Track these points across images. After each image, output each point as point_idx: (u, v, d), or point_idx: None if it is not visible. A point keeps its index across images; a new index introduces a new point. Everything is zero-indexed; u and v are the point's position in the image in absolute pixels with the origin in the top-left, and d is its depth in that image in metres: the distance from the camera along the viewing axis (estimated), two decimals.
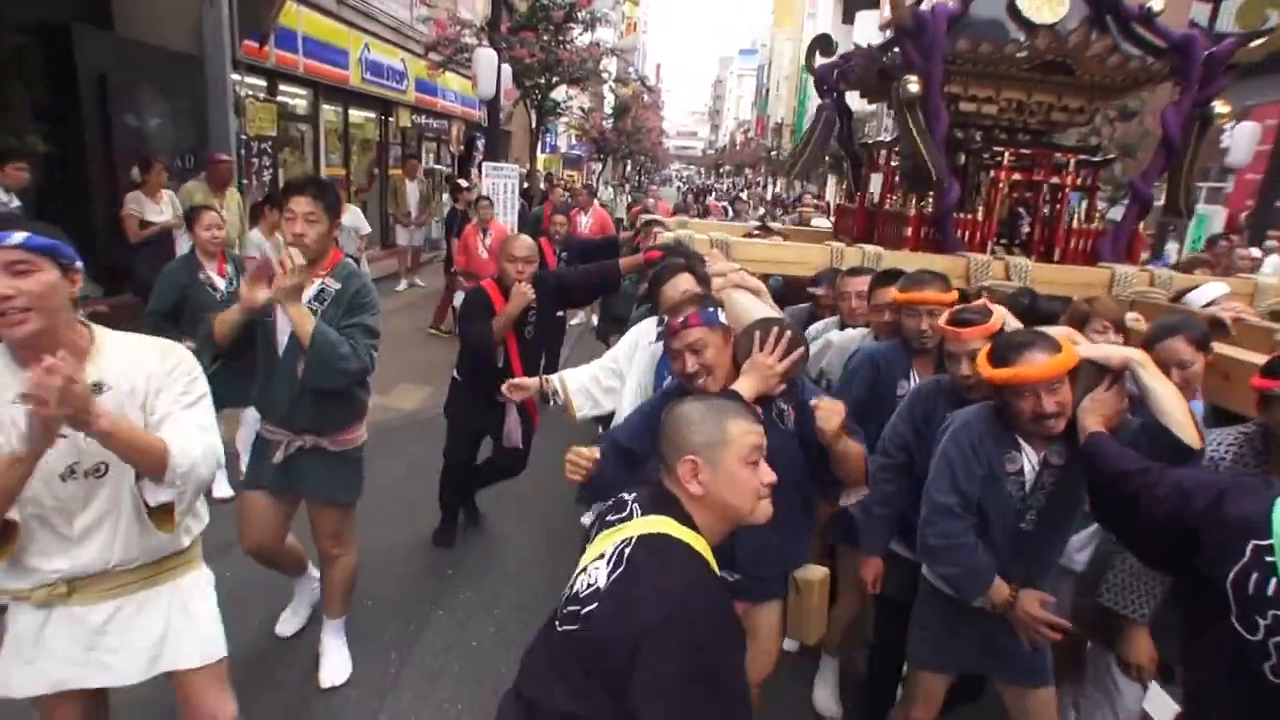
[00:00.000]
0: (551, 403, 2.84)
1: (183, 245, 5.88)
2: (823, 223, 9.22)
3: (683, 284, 2.56)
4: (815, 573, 2.17)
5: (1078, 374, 1.92)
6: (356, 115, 12.35)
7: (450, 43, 11.77)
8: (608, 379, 2.81)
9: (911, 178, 3.74)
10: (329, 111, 11.39)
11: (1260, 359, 2.20)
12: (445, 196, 12.04)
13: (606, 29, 22.33)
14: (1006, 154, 3.82)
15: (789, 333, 2.03)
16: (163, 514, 1.65)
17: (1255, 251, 7.27)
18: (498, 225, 7.78)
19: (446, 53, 11.92)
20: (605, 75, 15.70)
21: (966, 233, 3.86)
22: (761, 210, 13.61)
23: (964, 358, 2.24)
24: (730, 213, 12.13)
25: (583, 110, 18.18)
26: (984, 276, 3.56)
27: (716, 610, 1.38)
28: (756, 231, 5.12)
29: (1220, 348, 2.45)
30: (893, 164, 4.26)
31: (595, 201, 9.77)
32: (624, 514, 1.48)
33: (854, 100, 4.83)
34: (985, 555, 2.04)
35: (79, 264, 1.63)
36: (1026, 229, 3.97)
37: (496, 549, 4.14)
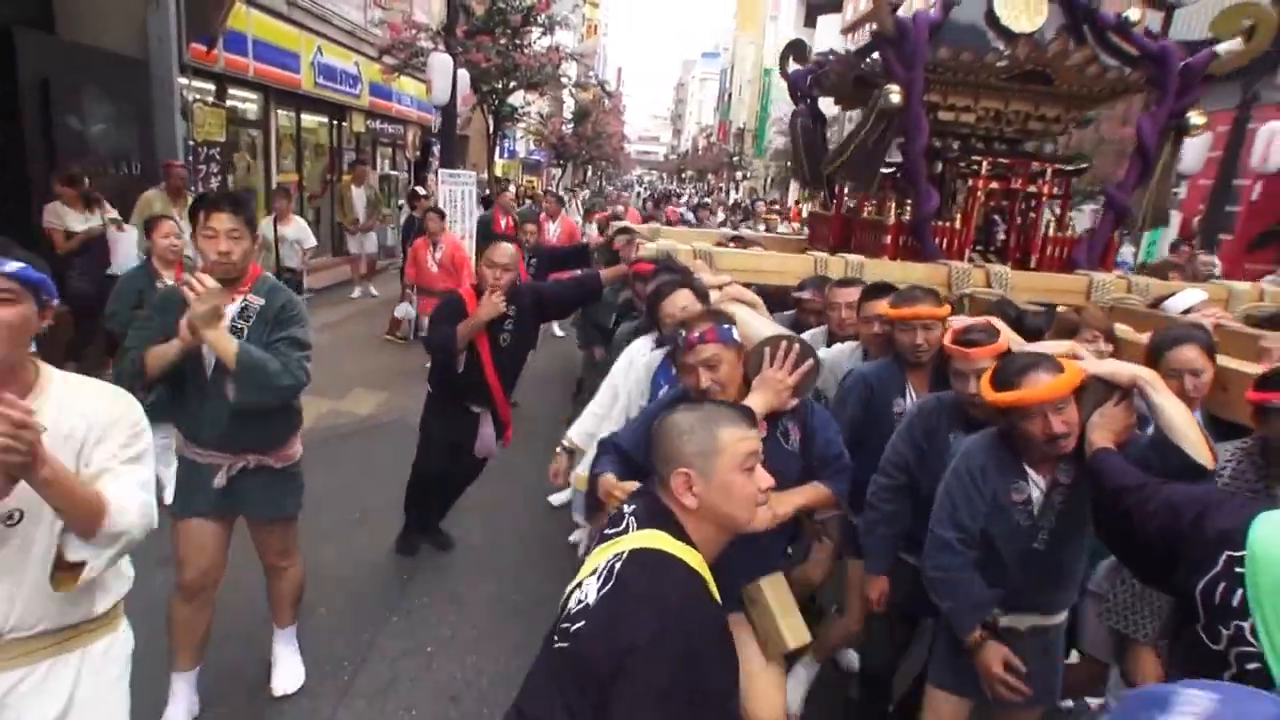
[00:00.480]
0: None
1: (122, 252, 5.73)
2: (784, 228, 9.29)
3: (682, 300, 2.56)
4: (763, 582, 2.11)
5: (1085, 391, 1.91)
6: (309, 120, 12.08)
7: (405, 46, 11.60)
8: (610, 409, 2.84)
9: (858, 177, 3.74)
10: (281, 116, 11.11)
11: (1258, 369, 2.22)
12: (403, 204, 11.84)
13: (566, 32, 22.29)
14: (985, 163, 3.85)
15: (798, 347, 2.03)
16: (68, 572, 1.49)
17: (1213, 259, 7.51)
18: (450, 238, 7.64)
19: (401, 57, 11.76)
20: (564, 80, 15.64)
21: (944, 241, 3.88)
22: (722, 216, 13.61)
23: (972, 376, 2.22)
24: (694, 219, 12.17)
25: (541, 116, 18.09)
26: (965, 284, 3.58)
27: (711, 627, 1.35)
28: (731, 241, 5.09)
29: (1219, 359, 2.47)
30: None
31: (563, 209, 9.66)
32: (620, 528, 1.45)
33: (826, 106, 4.85)
34: (982, 591, 2.02)
35: (55, 301, 1.55)
36: (1002, 236, 4.01)
37: (453, 554, 4.08)
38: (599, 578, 1.36)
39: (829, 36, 25.79)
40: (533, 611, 3.59)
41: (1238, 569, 1.26)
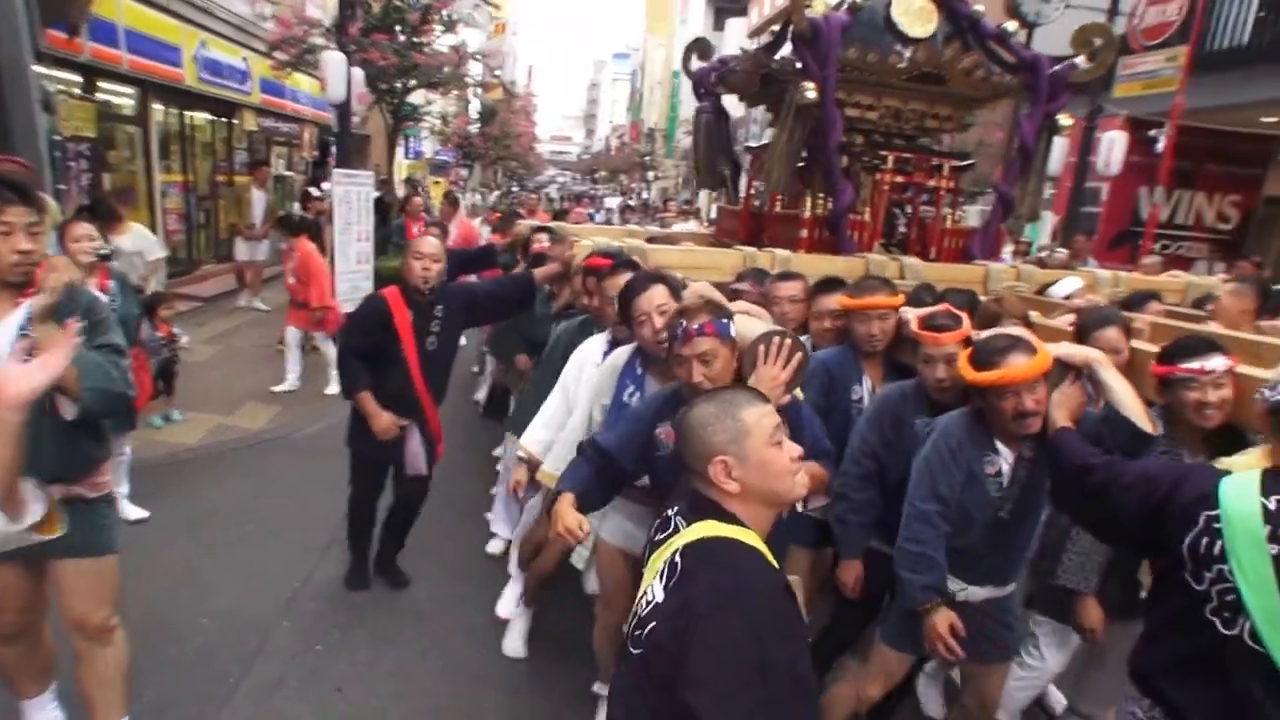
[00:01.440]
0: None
1: None
2: (687, 226, 9.50)
3: (659, 297, 2.50)
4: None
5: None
6: (195, 117, 11.48)
7: (296, 42, 11.22)
8: (565, 415, 2.84)
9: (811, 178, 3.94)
10: (161, 112, 10.51)
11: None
12: (295, 206, 11.41)
13: (474, 30, 21.98)
14: (890, 157, 4.10)
15: (789, 341, 2.11)
16: None
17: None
18: (304, 246, 7.42)
19: (293, 53, 11.35)
20: (468, 79, 15.46)
21: (856, 234, 4.12)
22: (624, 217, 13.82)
23: (940, 362, 2.40)
24: (619, 219, 12.40)
25: (443, 117, 17.81)
26: (882, 275, 3.80)
27: (775, 592, 1.39)
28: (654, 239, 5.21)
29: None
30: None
31: (459, 212, 9.43)
32: (670, 530, 1.52)
33: (730, 104, 5.03)
34: (943, 571, 2.23)
35: None
36: (903, 229, 4.28)
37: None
38: (661, 577, 1.43)
39: (737, 39, 26.59)
40: (428, 611, 3.65)
41: (1215, 525, 1.54)
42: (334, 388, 6.66)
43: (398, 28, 11.84)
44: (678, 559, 1.42)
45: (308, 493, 4.73)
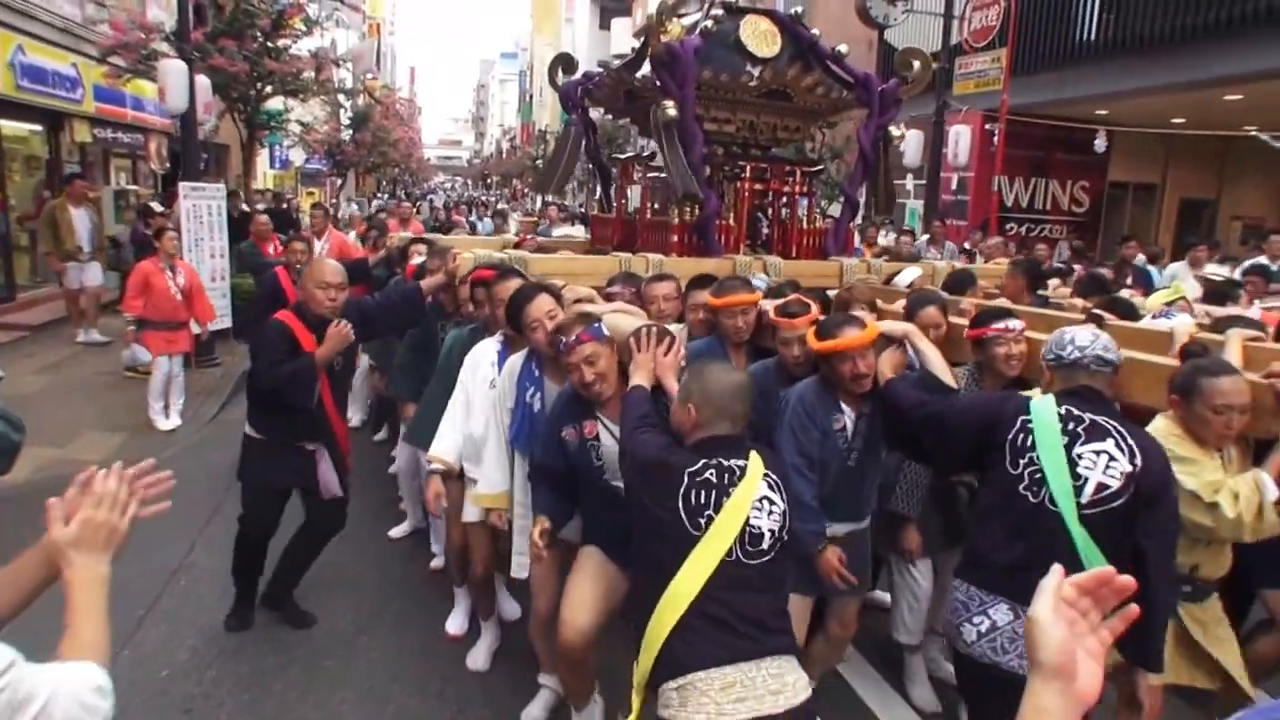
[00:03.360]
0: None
1: None
2: (559, 231, 9.80)
3: (546, 305, 2.89)
4: None
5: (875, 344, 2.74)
6: (14, 128, 10.74)
7: (133, 48, 10.51)
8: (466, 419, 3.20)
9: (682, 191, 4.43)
10: None
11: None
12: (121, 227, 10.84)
13: (344, 31, 21.36)
14: (748, 167, 4.66)
15: (657, 328, 2.61)
16: None
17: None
18: (186, 264, 7.20)
19: (130, 59, 10.67)
20: (331, 84, 15.02)
21: (723, 237, 4.64)
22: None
23: (795, 342, 2.93)
24: (490, 226, 12.51)
25: (303, 124, 17.13)
26: (747, 274, 4.33)
27: None
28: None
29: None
30: (650, 176, 4.97)
31: (330, 225, 9.17)
32: (737, 474, 2.04)
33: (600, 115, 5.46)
34: (823, 520, 2.74)
35: None
36: (766, 231, 4.86)
37: (198, 580, 4.10)
38: (774, 490, 2.05)
39: (623, 39, 27.22)
40: (272, 629, 3.68)
41: (1028, 425, 2.23)
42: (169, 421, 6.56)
43: (250, 32, 11.44)
44: (773, 478, 2.08)
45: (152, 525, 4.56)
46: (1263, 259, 7.28)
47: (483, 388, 3.14)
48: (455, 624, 3.73)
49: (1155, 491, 2.10)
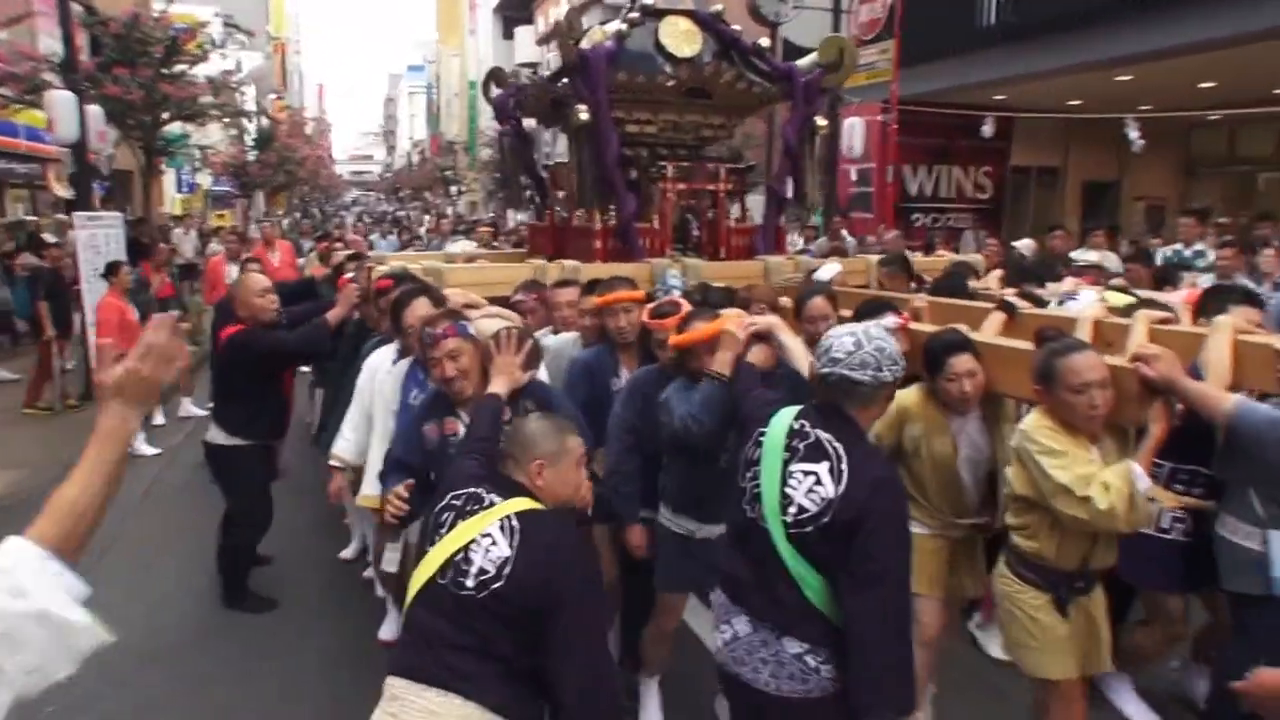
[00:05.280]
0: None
1: None
2: (459, 246, 9.58)
3: (422, 308, 2.96)
4: None
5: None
6: None
7: (21, 80, 10.35)
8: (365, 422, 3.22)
9: (593, 192, 4.37)
10: None
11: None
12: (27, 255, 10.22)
13: (252, 53, 20.76)
14: (669, 167, 4.57)
15: (516, 332, 2.59)
16: None
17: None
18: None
19: (16, 90, 10.52)
20: (230, 107, 14.66)
21: (648, 241, 4.55)
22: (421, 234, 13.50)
23: (668, 343, 2.85)
24: (395, 245, 12.22)
25: (202, 148, 16.76)
26: (664, 276, 4.23)
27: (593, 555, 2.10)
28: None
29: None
30: (575, 183, 4.82)
31: (244, 248, 9.03)
32: (484, 503, 1.96)
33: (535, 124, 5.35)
34: (636, 491, 2.88)
35: None
36: (696, 233, 4.77)
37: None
38: (505, 534, 1.87)
39: (527, 47, 26.98)
40: (181, 647, 3.68)
41: (760, 438, 2.12)
42: None
43: (142, 60, 11.32)
44: (514, 522, 1.90)
45: None
46: (1177, 246, 7.30)
47: (380, 397, 3.20)
48: (388, 631, 3.78)
49: (851, 522, 1.91)
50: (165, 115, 12.38)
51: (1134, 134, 10.29)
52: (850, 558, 1.90)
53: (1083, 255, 7.44)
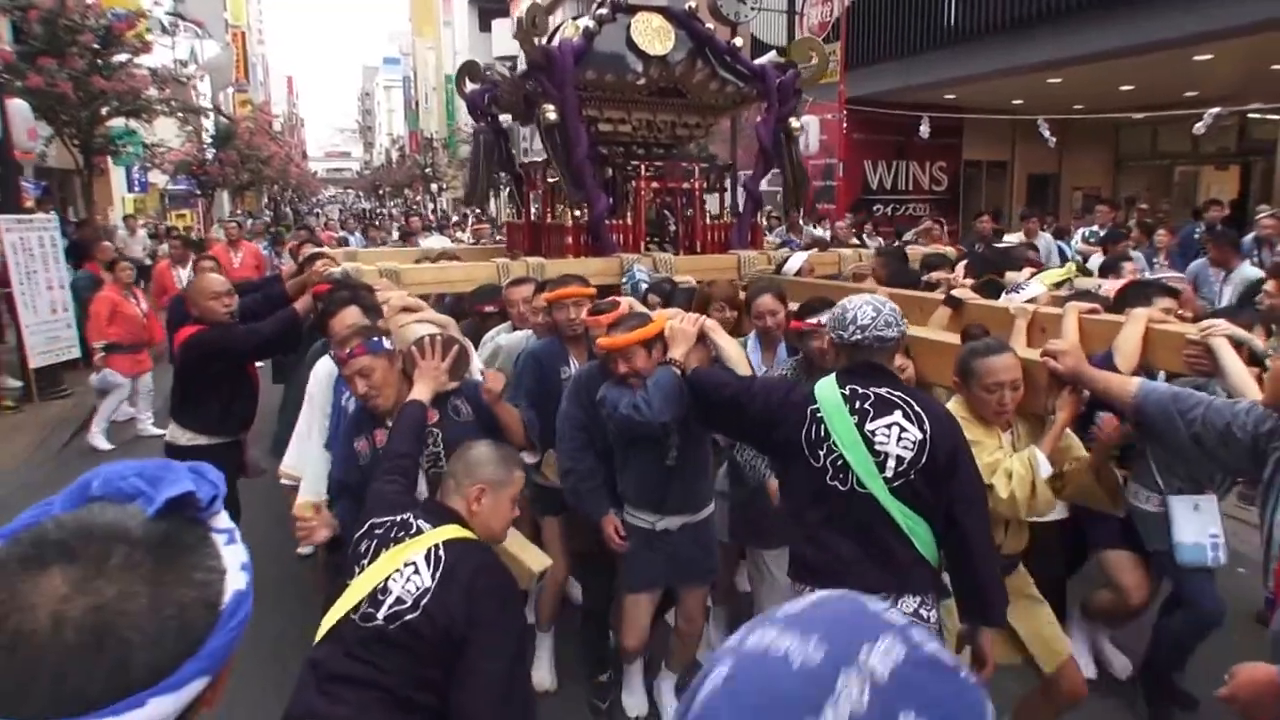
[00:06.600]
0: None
1: None
2: (425, 242, 9.29)
3: (349, 317, 2.83)
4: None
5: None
6: None
7: None
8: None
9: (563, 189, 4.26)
10: None
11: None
12: None
13: (203, 41, 19.60)
14: (643, 166, 4.48)
15: (441, 337, 2.47)
16: None
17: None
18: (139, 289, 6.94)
19: None
20: (179, 102, 13.55)
21: (621, 236, 4.46)
22: (395, 234, 12.93)
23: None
24: (362, 239, 11.70)
25: (147, 146, 15.35)
26: (631, 270, 4.14)
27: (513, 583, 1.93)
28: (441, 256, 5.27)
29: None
30: (549, 180, 4.73)
31: (192, 253, 8.28)
32: (413, 530, 1.85)
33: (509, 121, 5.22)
34: (604, 489, 2.76)
35: None
36: (673, 228, 4.70)
37: None
38: (428, 563, 1.74)
39: (504, 41, 26.49)
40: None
41: (818, 414, 2.10)
42: None
43: (71, 50, 10.04)
44: (441, 552, 1.78)
45: None
46: (1094, 226, 8.09)
47: (322, 402, 3.06)
48: None
49: (950, 453, 2.04)
50: (104, 111, 11.17)
51: (1045, 131, 11.07)
52: (955, 485, 2.05)
53: (1010, 238, 8.00)
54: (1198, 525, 2.69)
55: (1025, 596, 2.50)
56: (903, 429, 2.04)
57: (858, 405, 2.07)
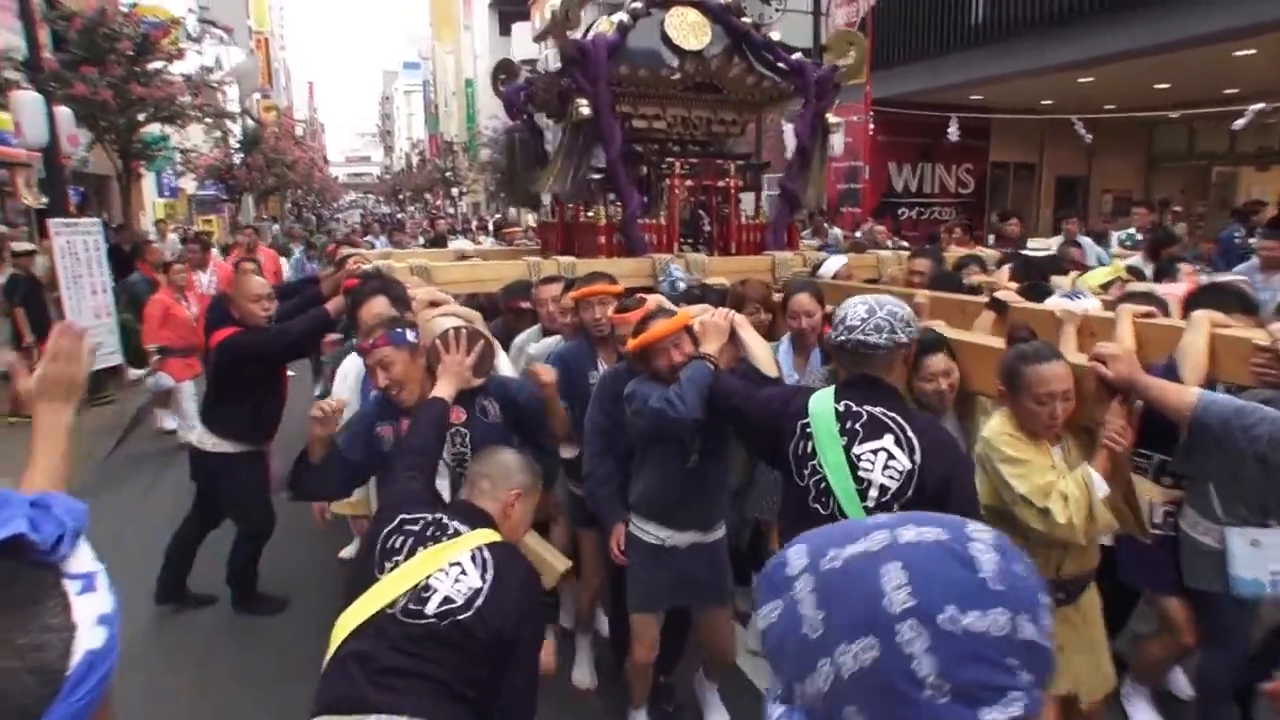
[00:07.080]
0: None
1: None
2: (455, 244, 9.25)
3: (377, 307, 2.80)
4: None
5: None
6: None
7: None
8: None
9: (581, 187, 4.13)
10: None
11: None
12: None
13: (229, 48, 19.77)
14: (677, 164, 4.31)
15: (467, 332, 2.38)
16: None
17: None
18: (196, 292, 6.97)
19: None
20: (210, 108, 13.67)
21: (654, 236, 4.29)
22: (422, 240, 12.86)
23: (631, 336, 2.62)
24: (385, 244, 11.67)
25: (182, 150, 15.56)
26: (665, 270, 3.98)
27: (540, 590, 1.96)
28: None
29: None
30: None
31: (212, 256, 8.52)
32: (449, 531, 1.82)
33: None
34: (620, 496, 2.65)
35: None
36: (708, 228, 4.53)
37: None
38: (475, 566, 1.74)
39: (525, 44, 26.44)
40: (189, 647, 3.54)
41: (807, 430, 1.96)
42: None
43: (111, 57, 10.23)
44: (486, 554, 1.77)
45: None
46: (1130, 229, 7.71)
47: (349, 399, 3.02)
48: None
49: (941, 482, 1.83)
50: (141, 117, 11.36)
51: (1081, 129, 11.02)
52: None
53: (1042, 243, 7.54)
54: (1258, 561, 2.37)
55: (1092, 625, 2.27)
56: (890, 456, 1.86)
57: (848, 425, 1.91)
